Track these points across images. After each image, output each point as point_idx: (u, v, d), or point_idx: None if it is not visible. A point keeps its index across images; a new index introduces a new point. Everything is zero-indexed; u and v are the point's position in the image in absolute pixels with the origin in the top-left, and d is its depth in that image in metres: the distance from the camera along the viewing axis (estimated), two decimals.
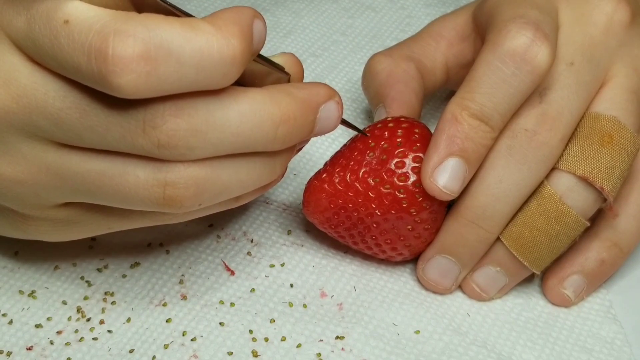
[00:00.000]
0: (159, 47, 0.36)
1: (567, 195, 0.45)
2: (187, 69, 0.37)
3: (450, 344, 0.46)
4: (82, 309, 0.47)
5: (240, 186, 0.42)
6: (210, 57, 0.38)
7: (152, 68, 0.36)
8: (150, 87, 0.37)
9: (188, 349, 0.45)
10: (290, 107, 0.41)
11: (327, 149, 0.57)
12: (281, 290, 0.48)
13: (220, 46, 0.38)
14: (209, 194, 0.41)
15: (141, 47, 0.36)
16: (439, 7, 0.70)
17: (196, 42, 0.37)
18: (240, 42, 0.38)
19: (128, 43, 0.36)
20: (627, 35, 0.48)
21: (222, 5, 0.68)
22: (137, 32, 0.36)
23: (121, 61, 0.36)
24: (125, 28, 0.36)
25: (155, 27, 0.37)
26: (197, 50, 0.37)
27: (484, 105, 0.44)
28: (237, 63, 0.38)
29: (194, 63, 0.37)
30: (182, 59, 0.37)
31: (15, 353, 0.45)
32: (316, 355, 0.45)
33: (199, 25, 0.38)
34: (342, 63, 0.64)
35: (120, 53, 0.36)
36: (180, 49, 0.37)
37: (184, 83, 0.38)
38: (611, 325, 0.48)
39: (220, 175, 0.41)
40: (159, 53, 0.36)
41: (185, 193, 0.40)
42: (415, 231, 0.47)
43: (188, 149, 0.39)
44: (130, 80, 0.36)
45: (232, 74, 0.38)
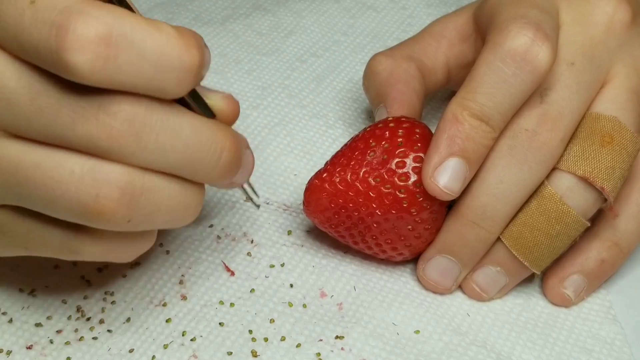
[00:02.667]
0: (121, 35, 0.36)
1: (568, 196, 0.45)
2: (146, 64, 0.37)
3: (450, 344, 0.46)
4: (82, 309, 0.47)
5: (167, 212, 0.41)
6: (170, 59, 0.37)
7: (112, 54, 0.36)
8: (107, 74, 0.36)
9: (188, 349, 0.45)
10: (231, 138, 0.41)
11: (327, 149, 0.57)
12: (281, 291, 0.48)
13: (182, 51, 0.37)
14: (140, 211, 0.39)
15: (104, 30, 0.36)
16: (440, 7, 0.70)
17: (159, 40, 0.37)
18: (199, 56, 0.38)
19: (91, 23, 0.35)
20: (628, 36, 0.48)
21: (224, 6, 0.68)
22: (101, 15, 0.36)
23: (81, 39, 0.35)
24: (90, 10, 0.36)
25: (120, 15, 0.36)
26: (158, 47, 0.37)
27: (484, 105, 0.44)
28: (194, 73, 0.38)
29: (153, 59, 0.37)
30: (142, 53, 0.36)
31: (15, 352, 0.45)
32: (316, 355, 0.45)
33: (163, 26, 0.37)
34: (343, 63, 0.64)
35: (81, 31, 0.35)
36: (142, 42, 0.36)
37: (140, 79, 0.37)
38: (611, 325, 0.48)
39: (155, 191, 0.40)
40: (120, 40, 0.36)
41: (120, 201, 0.38)
42: (416, 231, 0.47)
43: (138, 146, 0.38)
44: (86, 60, 0.35)
45: (187, 83, 0.38)
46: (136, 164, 0.39)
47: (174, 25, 0.38)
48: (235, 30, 0.66)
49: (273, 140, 0.57)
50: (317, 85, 0.62)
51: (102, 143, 0.38)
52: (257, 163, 0.55)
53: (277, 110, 0.60)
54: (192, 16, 0.67)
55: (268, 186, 0.54)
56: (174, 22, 0.66)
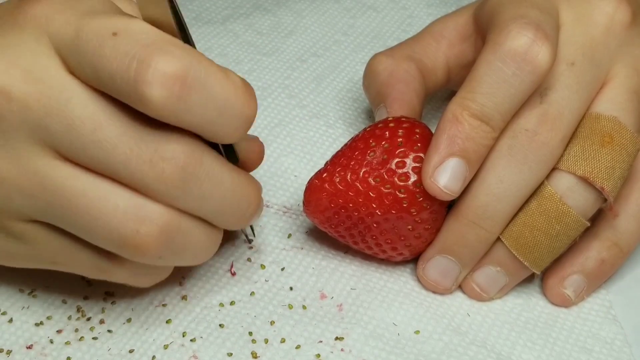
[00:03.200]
0: (196, 77, 0.38)
1: (568, 195, 0.45)
2: (212, 108, 0.39)
3: (450, 344, 0.46)
4: (82, 309, 0.47)
5: (192, 252, 0.43)
6: (233, 106, 0.40)
7: (185, 93, 0.38)
8: (176, 111, 0.38)
9: (188, 350, 0.45)
10: (258, 194, 0.44)
11: (327, 150, 0.57)
12: (281, 293, 0.48)
13: (245, 102, 0.40)
14: (172, 249, 0.41)
15: (182, 70, 0.38)
16: (440, 7, 0.70)
17: (227, 88, 0.39)
18: (256, 109, 0.41)
19: (171, 61, 0.38)
20: (628, 36, 0.48)
21: (224, 6, 0.68)
22: (182, 55, 0.38)
23: (160, 75, 0.37)
24: (171, 49, 0.38)
25: (197, 58, 0.39)
26: (226, 95, 0.39)
27: (484, 105, 0.44)
28: (249, 124, 0.41)
29: (220, 105, 0.39)
30: (212, 97, 0.39)
31: (15, 352, 0.45)
32: (315, 356, 0.45)
33: (232, 74, 0.40)
34: (343, 63, 0.64)
35: (161, 67, 0.37)
36: (213, 87, 0.39)
37: (204, 121, 0.39)
38: (611, 325, 0.48)
39: (188, 233, 0.42)
40: (195, 82, 0.38)
41: (158, 239, 0.40)
42: (416, 231, 0.47)
43: (182, 192, 0.40)
44: (161, 96, 0.37)
45: (242, 131, 0.41)
46: (176, 206, 0.41)
47: (240, 77, 0.41)
48: (235, 30, 0.66)
49: (273, 141, 0.57)
50: (317, 85, 0.62)
51: (150, 183, 0.40)
52: None
53: (277, 110, 0.60)
54: (192, 16, 0.67)
55: (268, 188, 0.54)
56: None
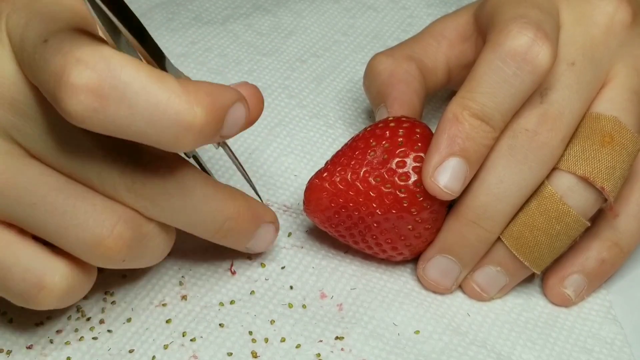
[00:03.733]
0: (113, 87, 0.37)
1: (568, 195, 0.45)
2: (137, 118, 0.37)
3: (450, 344, 0.46)
4: (82, 309, 0.47)
5: (151, 256, 0.43)
6: (164, 115, 0.37)
7: (101, 106, 0.37)
8: (98, 123, 0.37)
9: (188, 350, 0.45)
10: (243, 209, 0.44)
11: (327, 149, 0.57)
12: (281, 292, 0.48)
13: (180, 108, 0.37)
14: (135, 254, 0.42)
15: (95, 82, 0.36)
16: (440, 7, 0.70)
17: (155, 95, 0.37)
18: (205, 114, 0.38)
19: (84, 74, 0.36)
20: (628, 36, 0.48)
21: (224, 6, 0.68)
22: (97, 65, 0.36)
23: (72, 89, 0.36)
24: (87, 59, 0.36)
25: (118, 66, 0.37)
26: (153, 103, 0.37)
27: (485, 105, 0.44)
28: (194, 132, 0.38)
29: (146, 114, 0.37)
30: (134, 107, 0.37)
31: (15, 352, 0.45)
32: (315, 355, 0.45)
33: (167, 80, 0.38)
34: (343, 63, 0.64)
35: (72, 81, 0.36)
36: (135, 95, 0.37)
37: (132, 130, 0.37)
38: (611, 325, 0.48)
39: (152, 238, 0.42)
40: (111, 93, 0.37)
41: (129, 241, 0.41)
42: (416, 231, 0.47)
43: (152, 204, 0.41)
44: (78, 110, 0.36)
45: (187, 140, 0.38)
46: (146, 216, 0.42)
47: (185, 81, 0.38)
48: (235, 30, 0.66)
49: (273, 141, 0.57)
50: (317, 85, 0.62)
51: (122, 194, 0.41)
52: (257, 164, 0.55)
53: (277, 110, 0.60)
54: (192, 16, 0.67)
55: (268, 187, 0.54)
56: (174, 22, 0.66)
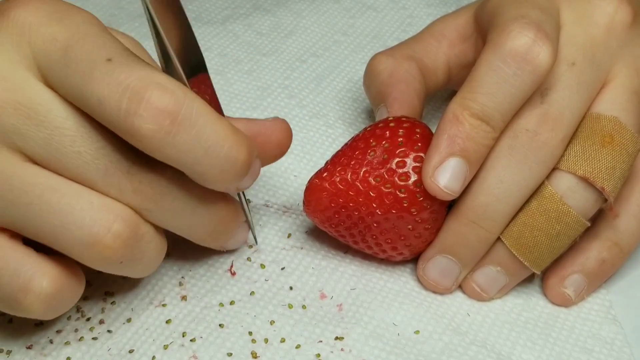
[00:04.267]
0: (187, 115, 0.39)
1: (568, 196, 0.45)
2: (199, 147, 0.40)
3: (450, 344, 0.46)
4: (82, 309, 0.47)
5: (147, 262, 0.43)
6: (220, 148, 0.40)
7: (175, 129, 0.39)
8: (164, 146, 0.39)
9: (188, 350, 0.45)
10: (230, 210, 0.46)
11: (327, 149, 0.57)
12: (281, 293, 0.48)
13: (232, 145, 0.40)
14: (133, 255, 0.42)
15: (174, 107, 0.38)
16: (440, 7, 0.70)
17: (216, 129, 0.40)
18: (246, 156, 0.41)
19: (165, 97, 0.38)
20: (629, 36, 0.48)
21: (224, 6, 0.68)
22: (174, 91, 0.39)
23: (153, 109, 0.38)
24: (167, 85, 0.38)
25: (191, 97, 0.39)
26: (214, 135, 0.40)
27: (485, 105, 0.44)
28: (237, 169, 0.41)
29: (207, 145, 0.40)
30: (200, 136, 0.39)
31: (15, 352, 0.45)
32: (315, 355, 0.45)
33: (224, 119, 0.41)
34: (343, 63, 0.64)
35: (155, 102, 0.38)
36: (203, 127, 0.39)
37: (189, 158, 0.40)
38: (611, 325, 0.48)
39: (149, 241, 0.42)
40: (185, 120, 0.39)
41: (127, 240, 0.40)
42: (416, 231, 0.47)
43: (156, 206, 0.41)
44: (151, 129, 0.38)
45: (228, 175, 0.41)
46: (147, 218, 0.42)
47: (231, 121, 0.42)
48: (235, 30, 0.66)
49: None
50: (317, 85, 0.62)
51: (128, 195, 0.41)
52: None
53: (277, 110, 0.60)
54: (192, 16, 0.67)
55: (268, 188, 0.54)
56: None
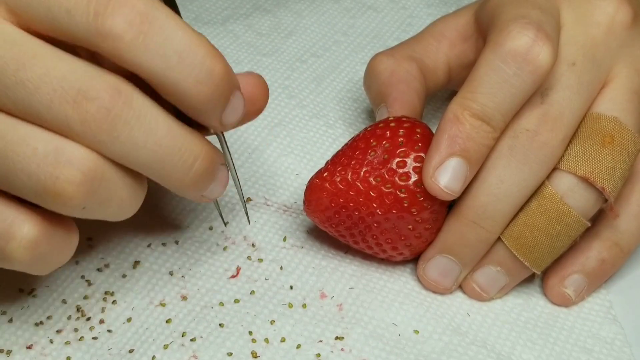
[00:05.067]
0: (158, 16, 0.38)
1: (568, 196, 0.45)
2: (172, 50, 0.38)
3: (450, 344, 0.46)
4: (82, 308, 0.47)
5: (117, 205, 0.40)
6: (194, 54, 0.38)
7: (145, 29, 0.37)
8: (136, 47, 0.37)
9: (188, 350, 0.45)
10: (206, 149, 0.41)
11: (327, 149, 0.57)
12: (281, 292, 0.48)
13: (207, 53, 0.39)
14: (96, 199, 0.39)
15: (144, 6, 0.37)
16: (440, 7, 0.70)
17: (189, 36, 0.38)
18: (224, 69, 0.39)
19: None
20: (629, 36, 0.48)
21: (224, 7, 0.68)
22: None
23: (123, 7, 0.37)
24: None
25: (160, 4, 0.38)
26: (187, 39, 0.38)
27: (485, 105, 0.44)
28: (214, 80, 0.39)
29: (180, 49, 0.38)
30: (171, 39, 0.38)
31: (15, 352, 0.45)
32: (315, 355, 0.45)
33: (195, 31, 0.39)
34: (343, 63, 0.64)
35: (124, 1, 0.37)
36: (174, 30, 0.38)
37: (163, 64, 0.38)
38: (611, 325, 0.48)
39: (113, 182, 0.39)
40: (156, 20, 0.38)
41: (80, 186, 0.38)
42: (416, 231, 0.47)
43: (109, 136, 0.38)
44: (123, 29, 0.37)
45: (206, 87, 0.39)
46: (104, 153, 0.38)
47: None
48: (235, 30, 0.66)
49: (273, 141, 0.57)
50: (317, 85, 0.62)
51: (75, 126, 0.37)
52: (257, 164, 0.55)
53: (277, 110, 0.60)
54: (192, 16, 0.67)
55: (268, 187, 0.54)
56: None
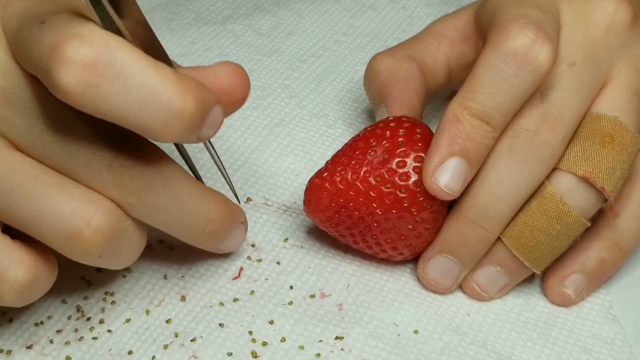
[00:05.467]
0: (108, 65, 0.36)
1: (568, 195, 0.45)
2: (131, 98, 0.37)
3: (450, 344, 0.46)
4: (82, 308, 0.47)
5: (126, 255, 0.42)
6: (157, 99, 0.37)
7: (95, 82, 0.36)
8: (90, 99, 0.36)
9: (188, 350, 0.45)
10: (221, 212, 0.44)
11: (327, 149, 0.57)
12: (281, 292, 0.48)
13: (173, 95, 0.37)
14: (112, 250, 0.41)
15: (91, 57, 0.36)
16: (440, 7, 0.70)
17: (150, 78, 0.37)
18: (195, 105, 0.38)
19: (81, 49, 0.36)
20: (629, 36, 0.48)
21: (224, 7, 0.68)
22: (94, 42, 0.36)
23: (67, 62, 0.36)
24: (85, 35, 0.36)
25: (115, 46, 0.37)
26: (147, 85, 0.37)
27: (485, 105, 0.44)
28: (183, 121, 0.38)
29: (140, 96, 0.37)
30: (129, 86, 0.37)
31: (15, 352, 0.45)
32: (315, 355, 0.45)
33: (162, 66, 0.38)
34: (343, 63, 0.64)
35: (68, 54, 0.36)
36: (131, 75, 0.37)
37: (124, 112, 0.37)
38: (611, 325, 0.48)
39: (129, 236, 0.42)
40: (107, 70, 0.36)
41: (106, 236, 0.40)
42: (416, 231, 0.47)
43: (138, 201, 0.41)
44: (70, 83, 0.36)
45: (175, 128, 0.38)
46: (129, 213, 0.41)
47: (178, 71, 0.38)
48: (235, 30, 0.66)
49: (273, 141, 0.57)
50: (317, 85, 0.62)
51: (109, 187, 0.40)
52: (257, 164, 0.55)
53: (277, 110, 0.60)
54: (192, 16, 0.67)
55: (268, 187, 0.54)
56: (174, 22, 0.66)
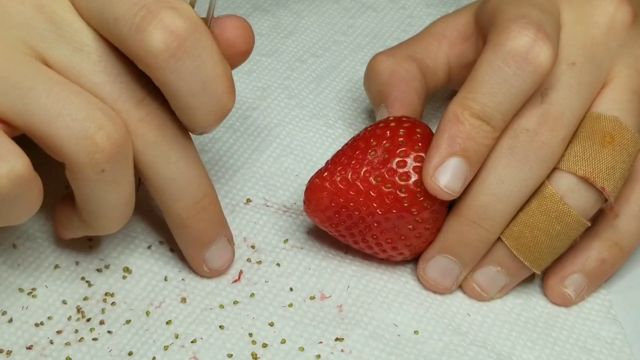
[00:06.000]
0: (194, 44, 0.40)
1: (568, 195, 0.45)
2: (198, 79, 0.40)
3: (450, 344, 0.46)
4: (82, 309, 0.47)
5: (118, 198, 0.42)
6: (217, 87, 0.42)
7: (178, 54, 0.39)
8: (167, 67, 0.39)
9: (188, 351, 0.45)
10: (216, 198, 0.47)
11: (327, 149, 0.57)
12: (281, 295, 0.48)
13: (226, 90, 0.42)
14: (116, 168, 0.41)
15: (184, 31, 0.39)
16: (440, 7, 0.70)
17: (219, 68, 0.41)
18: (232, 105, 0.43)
19: (177, 21, 0.39)
20: (629, 36, 0.48)
21: (224, 6, 0.68)
22: (189, 20, 0.40)
23: (164, 28, 0.39)
24: (182, 11, 0.40)
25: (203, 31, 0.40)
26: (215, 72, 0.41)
27: (485, 105, 0.44)
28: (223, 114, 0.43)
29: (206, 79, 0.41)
30: (201, 69, 0.40)
31: (15, 352, 0.45)
32: (316, 357, 0.45)
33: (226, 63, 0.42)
34: (343, 63, 0.64)
35: (167, 22, 0.39)
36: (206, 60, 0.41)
37: (186, 89, 0.41)
38: (611, 325, 0.48)
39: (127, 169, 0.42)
40: (192, 48, 0.40)
41: (113, 144, 0.40)
42: (416, 231, 0.47)
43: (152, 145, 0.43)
44: (158, 47, 0.39)
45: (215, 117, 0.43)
46: (138, 156, 0.42)
47: None
48: None
49: (273, 141, 0.57)
50: (317, 86, 0.62)
51: (131, 121, 0.42)
52: (257, 165, 0.55)
53: (277, 110, 0.60)
54: None
55: (268, 188, 0.54)
56: None
